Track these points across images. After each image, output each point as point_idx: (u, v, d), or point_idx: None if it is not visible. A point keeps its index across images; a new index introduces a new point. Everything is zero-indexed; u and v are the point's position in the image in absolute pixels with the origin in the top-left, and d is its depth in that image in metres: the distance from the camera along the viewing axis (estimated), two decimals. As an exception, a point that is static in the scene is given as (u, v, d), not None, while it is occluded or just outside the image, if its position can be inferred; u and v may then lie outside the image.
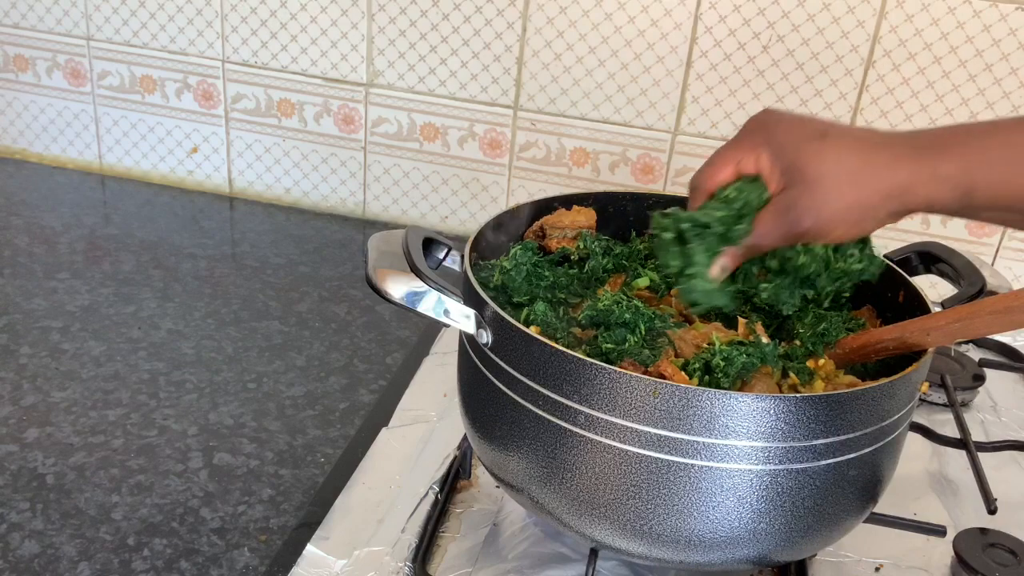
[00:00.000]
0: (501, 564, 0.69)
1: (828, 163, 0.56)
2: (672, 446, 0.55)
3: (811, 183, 0.57)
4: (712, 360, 0.60)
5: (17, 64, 1.33)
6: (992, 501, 0.74)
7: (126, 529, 0.72)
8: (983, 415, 0.93)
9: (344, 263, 1.17)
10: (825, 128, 0.58)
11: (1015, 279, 1.15)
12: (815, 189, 0.57)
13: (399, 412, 0.86)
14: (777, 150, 0.58)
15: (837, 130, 0.58)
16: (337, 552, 0.69)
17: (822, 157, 0.56)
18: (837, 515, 0.61)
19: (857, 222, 0.57)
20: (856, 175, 0.56)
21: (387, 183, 1.28)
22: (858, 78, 1.10)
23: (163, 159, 1.34)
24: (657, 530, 0.58)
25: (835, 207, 0.56)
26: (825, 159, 0.56)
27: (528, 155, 1.22)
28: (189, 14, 1.24)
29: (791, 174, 0.58)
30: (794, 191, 0.57)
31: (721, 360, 0.59)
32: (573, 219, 0.76)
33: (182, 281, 1.09)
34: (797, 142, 0.58)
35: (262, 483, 0.78)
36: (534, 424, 0.59)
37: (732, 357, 0.59)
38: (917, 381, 0.61)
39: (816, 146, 0.57)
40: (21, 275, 1.07)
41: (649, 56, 1.13)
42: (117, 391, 0.88)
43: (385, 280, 0.61)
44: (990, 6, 1.04)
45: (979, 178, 0.53)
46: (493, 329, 0.60)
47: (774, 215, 0.59)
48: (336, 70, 1.23)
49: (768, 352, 0.60)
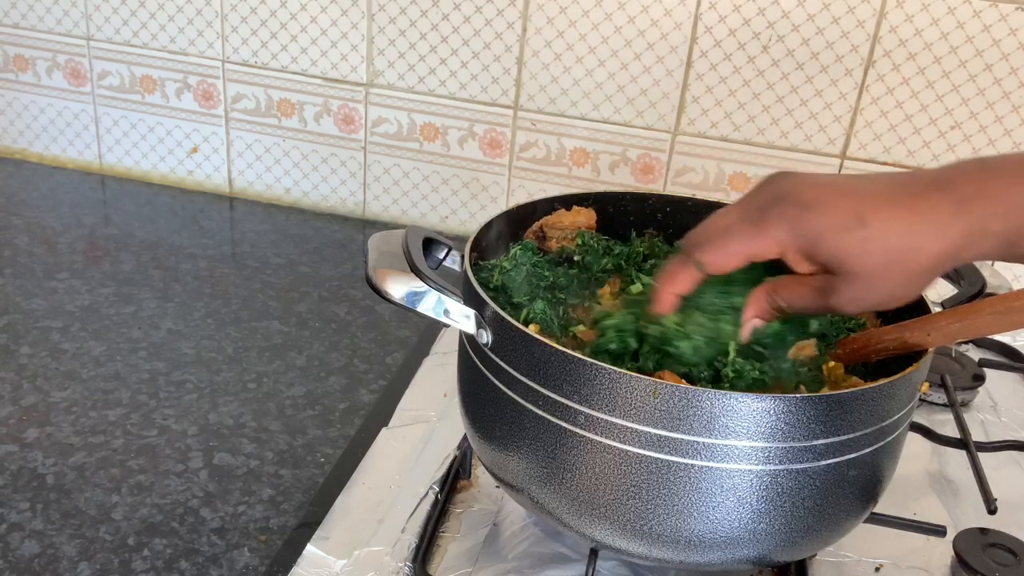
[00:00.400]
0: (501, 564, 0.69)
1: (873, 255, 0.52)
2: (672, 446, 0.55)
3: (854, 275, 0.53)
4: (722, 370, 0.59)
5: (17, 64, 1.33)
6: (992, 501, 0.74)
7: (126, 529, 0.72)
8: (983, 415, 0.93)
9: (344, 263, 1.17)
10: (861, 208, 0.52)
11: (1015, 279, 1.15)
12: (859, 280, 0.53)
13: (399, 412, 0.86)
14: (811, 246, 0.53)
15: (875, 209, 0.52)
16: (337, 552, 0.69)
17: (868, 249, 0.52)
18: (837, 515, 0.61)
19: (903, 298, 0.55)
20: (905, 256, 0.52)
21: (387, 183, 1.28)
22: (858, 78, 1.10)
23: (163, 159, 1.34)
24: (657, 530, 0.58)
25: (882, 292, 0.54)
26: (869, 251, 0.52)
27: (528, 155, 1.22)
28: (189, 14, 1.24)
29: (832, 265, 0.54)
30: (836, 280, 0.54)
31: (731, 371, 0.59)
32: (573, 219, 0.75)
33: (182, 281, 1.09)
34: (836, 233, 0.52)
35: (262, 483, 0.78)
36: (534, 424, 0.59)
37: (744, 372, 0.58)
38: (917, 381, 0.61)
39: (859, 236, 0.52)
40: (21, 275, 1.07)
41: (649, 56, 1.13)
42: (117, 391, 0.88)
43: (385, 280, 0.61)
44: (990, 6, 1.04)
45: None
46: (493, 329, 0.60)
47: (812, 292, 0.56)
48: (336, 70, 1.23)
49: (785, 370, 0.59)
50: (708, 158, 1.17)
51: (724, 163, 1.17)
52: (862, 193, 0.53)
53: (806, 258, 0.54)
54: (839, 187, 0.54)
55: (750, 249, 0.55)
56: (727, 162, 1.17)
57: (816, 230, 0.53)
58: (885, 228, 0.52)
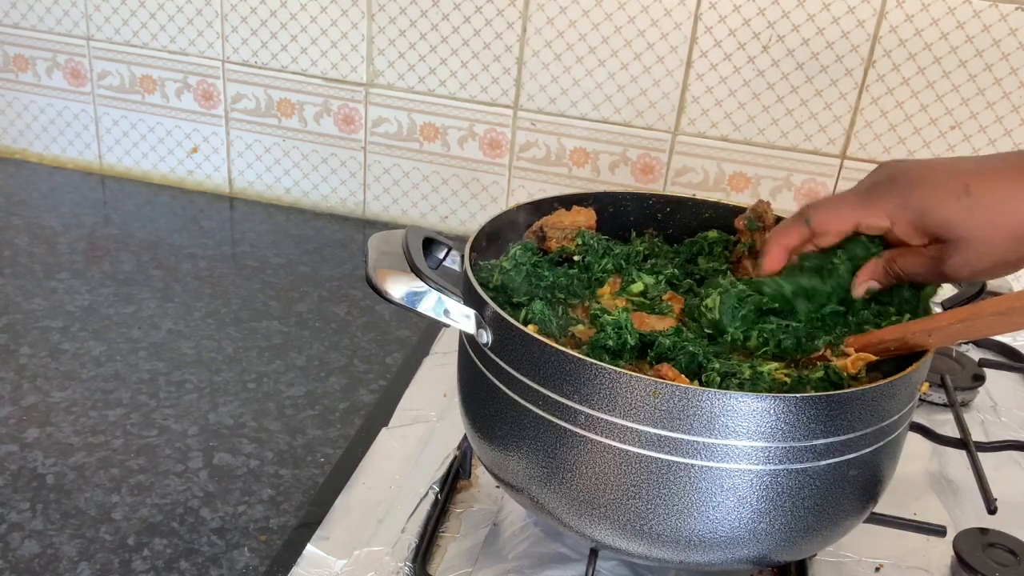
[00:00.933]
0: (501, 564, 0.69)
1: (978, 221, 0.56)
2: (672, 446, 0.55)
3: (964, 241, 0.57)
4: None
5: (17, 64, 1.33)
6: (992, 501, 0.74)
7: (126, 529, 0.72)
8: (983, 415, 0.93)
9: (344, 263, 1.17)
10: (964, 179, 0.57)
11: (1015, 279, 1.15)
12: (969, 246, 0.57)
13: (399, 412, 0.86)
14: (920, 216, 0.58)
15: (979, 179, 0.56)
16: (337, 552, 0.69)
17: (972, 216, 0.56)
18: (837, 515, 0.61)
19: (1011, 265, 0.58)
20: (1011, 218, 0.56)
21: (387, 183, 1.28)
22: (858, 78, 1.10)
23: (163, 159, 1.34)
24: (657, 530, 0.58)
25: (993, 256, 0.57)
26: (975, 218, 0.56)
27: (528, 155, 1.22)
28: (189, 14, 1.24)
29: (942, 234, 0.58)
30: (947, 248, 0.58)
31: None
32: (573, 219, 0.75)
33: (182, 281, 1.09)
34: (942, 205, 0.57)
35: (262, 483, 0.78)
36: (534, 424, 0.59)
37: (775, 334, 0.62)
38: (917, 381, 0.61)
39: (964, 204, 0.56)
40: (21, 275, 1.07)
41: (649, 56, 1.13)
42: (117, 391, 0.88)
43: (385, 280, 0.61)
44: (990, 6, 1.04)
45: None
46: (493, 329, 0.60)
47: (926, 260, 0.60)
48: (336, 70, 1.23)
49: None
50: (708, 158, 1.17)
51: (724, 163, 1.17)
52: (965, 168, 0.58)
53: (917, 230, 0.59)
54: (940, 164, 0.59)
55: (859, 216, 0.60)
56: (727, 162, 1.17)
57: (925, 202, 0.58)
58: (989, 196, 0.56)
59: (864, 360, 0.62)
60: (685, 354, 0.60)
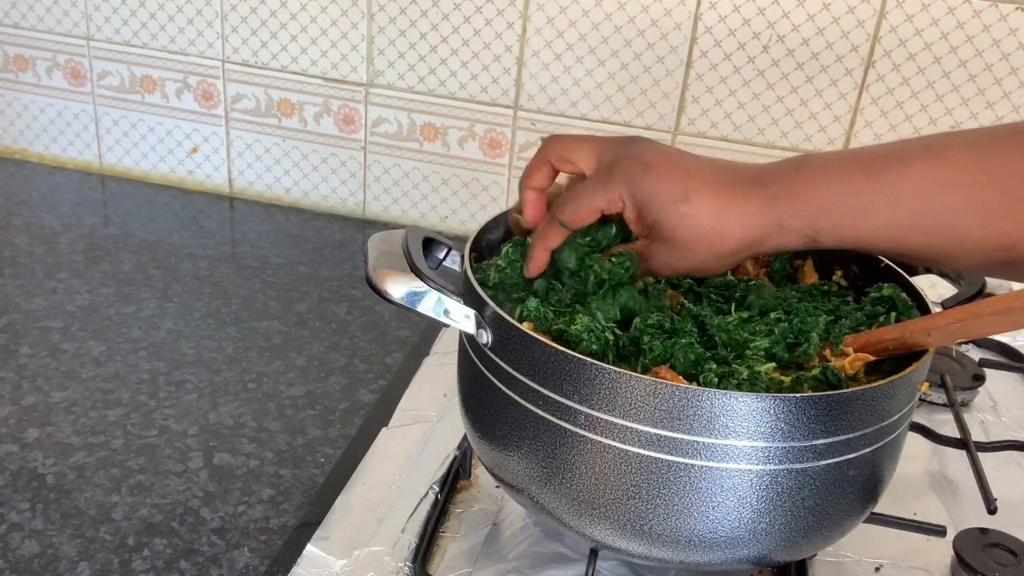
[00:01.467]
0: (501, 564, 0.69)
1: (686, 228, 0.60)
2: (672, 446, 0.55)
3: (669, 243, 0.61)
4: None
5: (17, 64, 1.33)
6: (992, 501, 0.74)
7: (126, 529, 0.72)
8: (983, 415, 0.93)
9: (344, 263, 1.17)
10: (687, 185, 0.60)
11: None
12: (673, 248, 0.61)
13: (399, 412, 0.86)
14: (642, 206, 0.61)
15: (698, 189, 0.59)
16: (337, 552, 0.69)
17: (681, 223, 0.60)
18: (837, 515, 0.61)
19: (709, 270, 0.63)
20: (712, 236, 0.60)
21: (387, 183, 1.28)
22: (858, 78, 1.10)
23: (163, 159, 1.34)
24: (657, 530, 0.58)
25: (690, 262, 0.62)
26: (684, 224, 0.60)
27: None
28: (189, 14, 1.24)
29: (653, 229, 0.62)
30: (655, 246, 0.62)
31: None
32: None
33: (182, 281, 1.09)
34: (661, 203, 0.60)
35: (262, 483, 0.78)
36: (534, 424, 0.59)
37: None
38: (917, 381, 0.61)
39: (678, 211, 0.60)
40: (21, 275, 1.07)
41: (649, 56, 1.13)
42: (117, 391, 0.88)
43: (385, 280, 0.61)
44: (990, 6, 1.04)
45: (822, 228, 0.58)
46: (493, 329, 0.60)
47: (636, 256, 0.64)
48: (336, 70, 1.23)
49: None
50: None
51: (724, 163, 1.17)
52: (695, 172, 0.60)
53: (638, 217, 0.62)
54: (679, 161, 0.61)
55: (599, 203, 0.62)
56: (727, 162, 1.17)
57: (648, 193, 0.60)
58: (702, 208, 0.59)
59: (862, 360, 0.62)
60: (681, 354, 0.60)
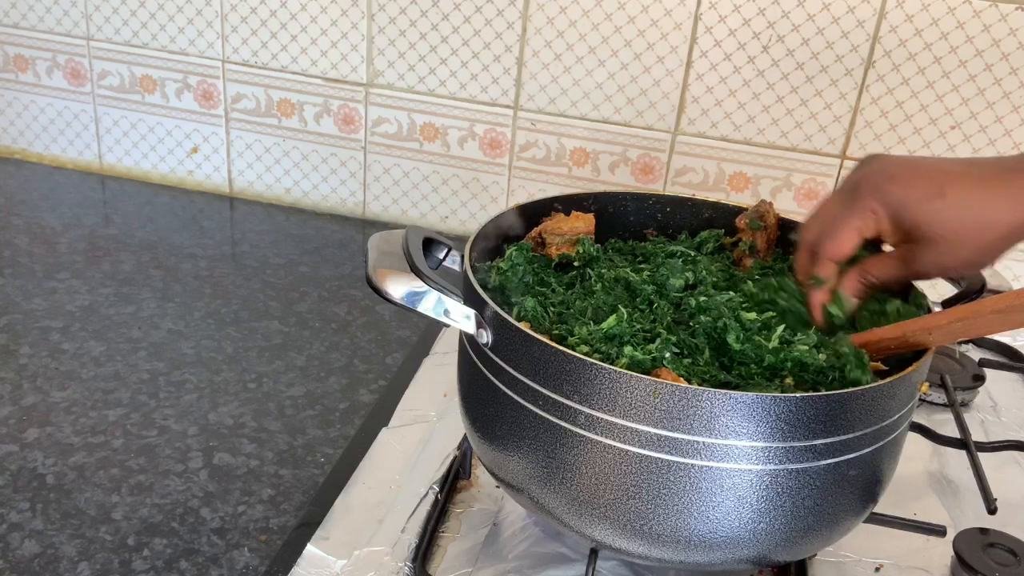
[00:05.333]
0: (501, 564, 0.69)
1: (949, 223, 0.59)
2: (672, 446, 0.55)
3: (933, 241, 0.60)
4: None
5: (17, 64, 1.33)
6: (992, 501, 0.74)
7: (126, 529, 0.72)
8: (983, 415, 0.93)
9: (344, 263, 1.17)
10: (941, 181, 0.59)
11: (1015, 279, 1.15)
12: (938, 246, 0.60)
13: (399, 412, 0.86)
14: (896, 211, 0.60)
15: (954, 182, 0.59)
16: (337, 552, 0.69)
17: (943, 218, 0.59)
18: (837, 515, 0.61)
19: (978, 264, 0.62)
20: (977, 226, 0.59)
21: (387, 183, 1.28)
22: (858, 78, 1.10)
23: (163, 159, 1.34)
24: (657, 530, 0.58)
25: (959, 256, 0.60)
26: (946, 219, 0.59)
27: (528, 155, 1.22)
28: (189, 14, 1.24)
29: (913, 232, 0.60)
30: (917, 247, 0.61)
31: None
32: (572, 225, 0.75)
33: (182, 281, 1.09)
34: (916, 204, 0.60)
35: (262, 483, 0.78)
36: (534, 424, 0.59)
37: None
38: (917, 381, 0.61)
39: (937, 206, 0.59)
40: (21, 275, 1.07)
41: (649, 56, 1.13)
42: (117, 391, 0.88)
43: (385, 280, 0.61)
44: (990, 6, 1.04)
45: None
46: (493, 329, 0.60)
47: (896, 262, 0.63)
48: (336, 70, 1.23)
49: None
50: (708, 158, 1.17)
51: (724, 163, 1.17)
52: (944, 170, 0.60)
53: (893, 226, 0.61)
54: (923, 164, 0.61)
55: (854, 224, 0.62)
56: (727, 162, 1.17)
57: (900, 199, 0.60)
58: (961, 200, 0.58)
59: (874, 369, 0.62)
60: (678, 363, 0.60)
